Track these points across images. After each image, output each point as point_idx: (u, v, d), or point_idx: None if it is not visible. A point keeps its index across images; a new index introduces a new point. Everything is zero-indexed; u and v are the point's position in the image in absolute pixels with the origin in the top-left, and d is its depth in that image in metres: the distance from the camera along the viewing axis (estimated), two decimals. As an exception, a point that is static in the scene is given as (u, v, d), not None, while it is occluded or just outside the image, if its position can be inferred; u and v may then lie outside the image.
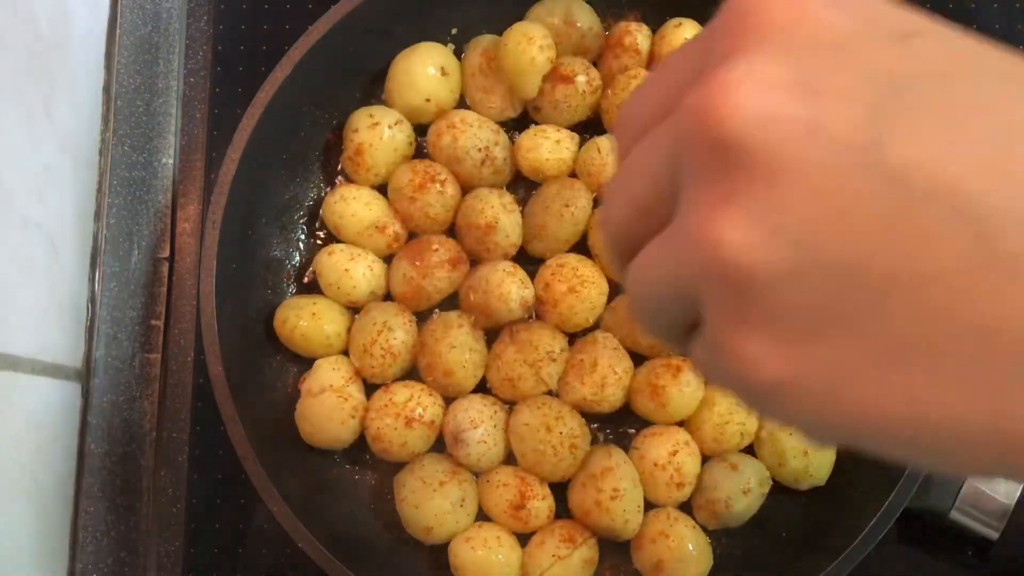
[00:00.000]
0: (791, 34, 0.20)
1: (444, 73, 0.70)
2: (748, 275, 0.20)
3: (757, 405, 0.23)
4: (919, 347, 0.20)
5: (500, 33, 0.70)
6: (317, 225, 0.72)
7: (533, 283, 0.68)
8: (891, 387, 0.20)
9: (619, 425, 0.69)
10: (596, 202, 0.69)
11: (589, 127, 0.72)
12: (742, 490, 0.65)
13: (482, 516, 0.66)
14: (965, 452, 0.20)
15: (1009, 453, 0.20)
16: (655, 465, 0.65)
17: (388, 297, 0.70)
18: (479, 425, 0.65)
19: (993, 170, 0.19)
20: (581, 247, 0.70)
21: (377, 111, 0.70)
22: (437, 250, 0.67)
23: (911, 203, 0.19)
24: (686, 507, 0.67)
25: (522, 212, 0.69)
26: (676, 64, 0.24)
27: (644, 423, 0.68)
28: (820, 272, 0.20)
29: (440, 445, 0.66)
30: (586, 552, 0.64)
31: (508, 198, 0.69)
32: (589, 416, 0.67)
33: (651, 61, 0.72)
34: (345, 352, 0.69)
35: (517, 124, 0.72)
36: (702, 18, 0.72)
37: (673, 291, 0.23)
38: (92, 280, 0.67)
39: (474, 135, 0.69)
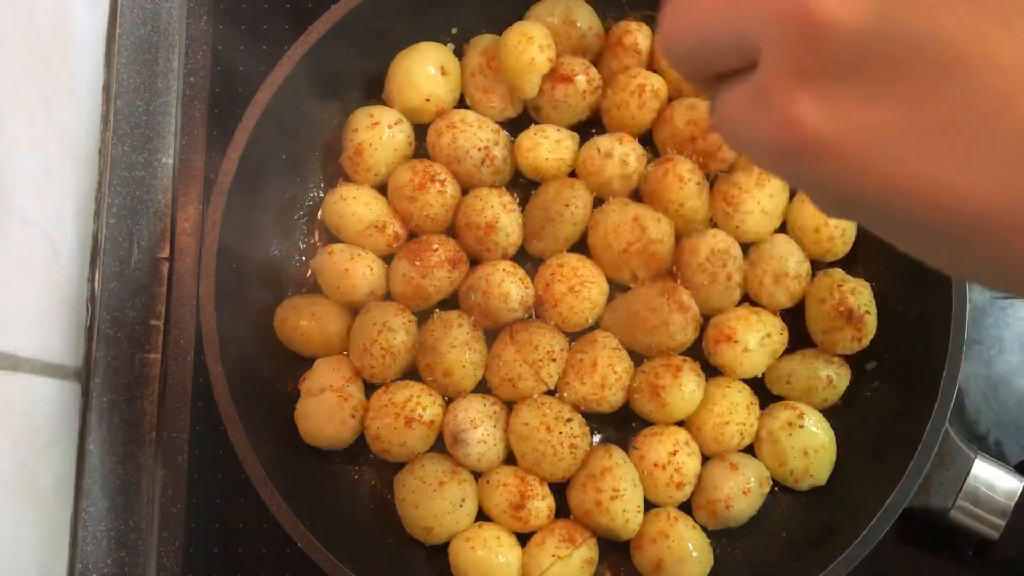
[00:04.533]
0: None
1: (444, 73, 0.70)
2: (826, 21, 0.20)
3: (779, 163, 0.23)
4: (963, 131, 0.20)
5: (500, 33, 0.70)
6: (317, 225, 0.72)
7: (533, 283, 0.68)
8: (922, 165, 0.21)
9: (619, 425, 0.69)
10: (596, 201, 0.69)
11: (589, 127, 0.72)
12: (742, 490, 0.65)
13: (482, 516, 0.66)
14: (967, 239, 0.21)
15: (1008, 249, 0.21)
16: (655, 465, 0.65)
17: (388, 297, 0.70)
18: (479, 425, 0.65)
19: None
20: (581, 247, 0.70)
21: (377, 111, 0.70)
22: (437, 250, 0.67)
23: None
24: (686, 507, 0.66)
25: (522, 212, 0.69)
26: None
27: (644, 423, 0.68)
28: (896, 34, 0.20)
29: (440, 445, 0.67)
30: (586, 552, 0.64)
31: (508, 198, 0.69)
32: (589, 416, 0.67)
33: (651, 61, 0.72)
34: (345, 352, 0.69)
35: (517, 124, 0.72)
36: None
37: (732, 27, 0.23)
38: (92, 280, 0.67)
39: (474, 135, 0.69)
